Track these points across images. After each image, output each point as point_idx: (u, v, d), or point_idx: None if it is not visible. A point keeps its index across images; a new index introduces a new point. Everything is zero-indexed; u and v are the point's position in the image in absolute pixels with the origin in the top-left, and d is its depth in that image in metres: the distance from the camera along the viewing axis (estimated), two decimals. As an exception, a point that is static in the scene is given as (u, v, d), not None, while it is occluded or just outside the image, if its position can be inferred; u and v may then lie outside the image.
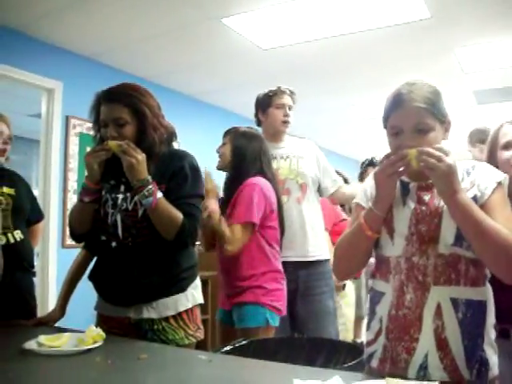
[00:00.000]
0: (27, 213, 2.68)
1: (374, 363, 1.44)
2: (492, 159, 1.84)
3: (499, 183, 1.40)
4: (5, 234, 2.45)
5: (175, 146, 2.17)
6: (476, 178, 1.42)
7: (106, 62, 4.66)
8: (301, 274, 2.85)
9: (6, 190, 2.53)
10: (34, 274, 2.71)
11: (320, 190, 3.05)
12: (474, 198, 1.37)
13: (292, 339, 2.10)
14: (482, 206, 1.36)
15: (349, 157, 8.65)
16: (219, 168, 2.68)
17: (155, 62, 4.72)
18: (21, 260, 2.55)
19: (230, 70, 4.95)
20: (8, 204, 2.51)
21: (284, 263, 2.76)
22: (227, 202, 2.55)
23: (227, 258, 2.46)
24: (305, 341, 2.06)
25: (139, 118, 1.90)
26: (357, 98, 5.95)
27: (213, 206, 2.41)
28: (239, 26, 3.96)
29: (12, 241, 2.48)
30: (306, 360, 1.93)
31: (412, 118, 1.39)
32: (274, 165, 2.89)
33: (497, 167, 1.75)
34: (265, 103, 3.01)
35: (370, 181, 1.59)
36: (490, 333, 1.40)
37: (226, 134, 2.71)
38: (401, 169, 1.36)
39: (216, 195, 2.49)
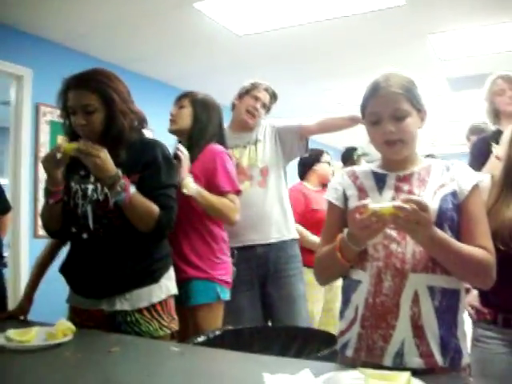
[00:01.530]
0: None
1: (349, 352, 1.44)
2: None
3: (476, 184, 1.43)
4: None
5: (149, 133, 2.13)
6: (455, 174, 1.45)
7: (76, 48, 4.56)
8: (270, 256, 2.84)
9: None
10: (4, 265, 2.67)
11: (295, 147, 3.05)
12: (454, 193, 1.41)
13: (267, 328, 2.11)
14: (461, 205, 1.40)
15: (327, 144, 8.64)
16: (172, 131, 2.58)
17: (127, 47, 4.63)
18: None
19: (204, 57, 4.88)
20: None
21: (252, 247, 2.79)
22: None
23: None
24: (280, 330, 2.07)
25: (108, 104, 1.86)
26: (332, 84, 5.94)
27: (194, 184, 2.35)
28: (212, 11, 3.89)
29: None
30: (281, 349, 1.94)
31: (389, 104, 1.42)
32: (237, 154, 2.90)
33: None
34: (244, 90, 2.99)
35: (339, 178, 1.59)
36: (462, 322, 1.42)
37: (183, 97, 2.62)
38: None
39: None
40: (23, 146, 4.15)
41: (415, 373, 1.18)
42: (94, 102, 1.84)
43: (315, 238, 3.40)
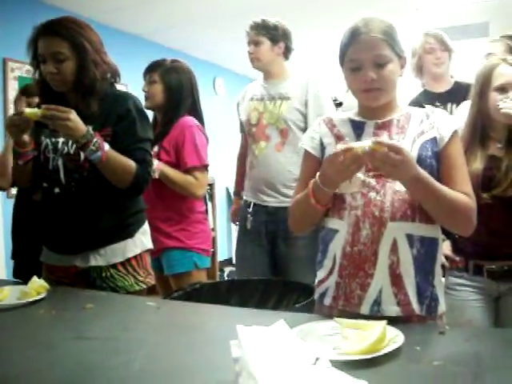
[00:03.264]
0: None
1: (327, 301, 1.44)
2: (482, 99, 1.80)
3: (456, 131, 1.42)
4: None
5: (123, 88, 2.08)
6: (435, 121, 1.43)
7: (43, 0, 4.38)
8: (281, 216, 2.65)
9: None
10: None
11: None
12: (434, 140, 1.39)
13: (244, 281, 2.10)
14: (441, 152, 1.39)
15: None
16: (147, 107, 2.51)
17: (98, -1, 4.46)
18: None
19: (179, 8, 4.72)
20: None
21: (264, 207, 2.74)
22: (161, 141, 2.50)
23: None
24: (257, 283, 2.07)
25: (79, 53, 1.80)
26: (307, 36, 5.80)
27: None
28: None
29: None
30: (259, 302, 1.94)
31: (370, 50, 1.38)
32: (261, 107, 2.78)
33: (485, 108, 1.78)
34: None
35: (316, 127, 1.56)
36: (439, 271, 1.43)
37: (151, 70, 2.58)
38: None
39: None
40: (-9, 103, 4.03)
41: (392, 321, 1.18)
42: (65, 49, 1.78)
43: None
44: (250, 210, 2.78)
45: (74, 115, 1.71)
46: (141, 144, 1.87)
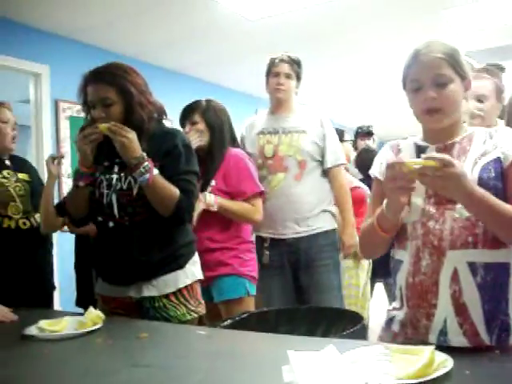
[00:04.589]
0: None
1: (395, 327, 1.44)
2: None
3: None
4: (27, 218, 2.57)
5: (168, 124, 2.16)
6: (499, 141, 1.36)
7: (91, 42, 4.59)
8: (302, 246, 2.80)
9: (21, 176, 2.65)
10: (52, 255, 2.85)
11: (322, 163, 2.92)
12: (498, 160, 1.33)
13: (292, 310, 2.11)
14: (506, 171, 1.32)
15: (339, 123, 8.60)
16: (199, 147, 2.52)
17: (141, 39, 4.64)
18: (45, 242, 2.69)
19: (218, 44, 4.88)
20: (25, 190, 2.63)
21: (282, 240, 2.79)
22: (210, 176, 2.53)
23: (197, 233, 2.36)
24: (305, 311, 2.07)
25: (125, 97, 1.89)
26: (348, 63, 5.88)
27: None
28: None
29: (35, 224, 2.61)
30: (307, 330, 1.95)
31: (430, 69, 1.36)
32: (275, 140, 2.86)
33: None
34: (266, 73, 2.95)
35: (383, 152, 1.55)
36: None
37: (190, 112, 2.62)
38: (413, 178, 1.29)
39: None
40: (45, 142, 4.23)
41: (460, 351, 1.15)
42: (112, 94, 1.88)
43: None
44: (267, 244, 2.81)
45: (133, 136, 1.82)
46: (185, 176, 1.93)
